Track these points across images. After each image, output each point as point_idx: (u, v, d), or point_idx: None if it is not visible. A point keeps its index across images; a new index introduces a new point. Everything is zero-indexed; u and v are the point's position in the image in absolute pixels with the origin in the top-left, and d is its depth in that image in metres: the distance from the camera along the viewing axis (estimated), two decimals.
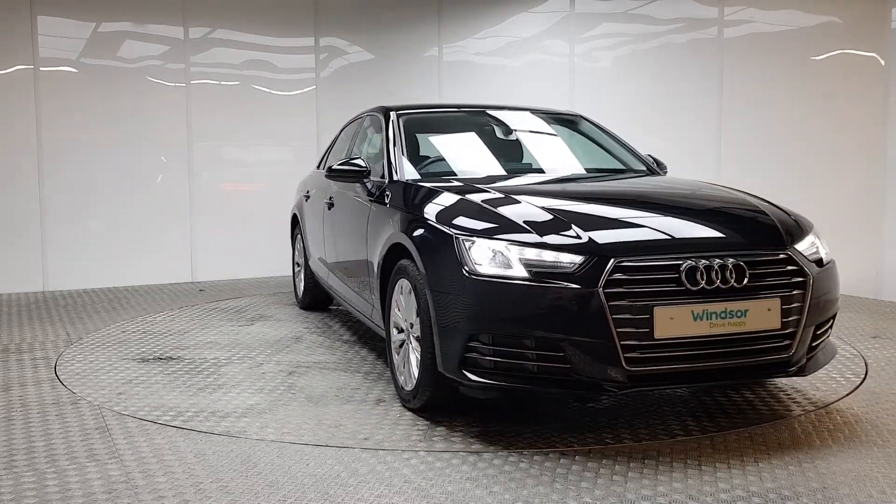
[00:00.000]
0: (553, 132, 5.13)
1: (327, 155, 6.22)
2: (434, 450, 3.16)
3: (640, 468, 2.94)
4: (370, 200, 4.35)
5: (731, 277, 3.11)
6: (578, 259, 3.09)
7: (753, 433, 3.33)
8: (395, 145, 4.55)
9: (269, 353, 4.91)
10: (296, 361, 4.67)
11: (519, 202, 3.56)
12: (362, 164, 4.53)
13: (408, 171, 4.35)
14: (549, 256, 3.13)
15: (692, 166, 7.49)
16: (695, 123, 7.45)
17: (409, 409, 3.67)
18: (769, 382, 4.07)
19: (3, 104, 7.30)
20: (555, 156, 4.88)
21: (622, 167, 4.76)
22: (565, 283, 3.04)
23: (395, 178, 4.29)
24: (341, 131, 6.11)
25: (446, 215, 3.54)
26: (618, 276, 3.04)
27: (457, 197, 3.71)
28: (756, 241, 3.37)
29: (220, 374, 4.42)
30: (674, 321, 3.03)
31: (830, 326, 3.58)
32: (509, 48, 8.29)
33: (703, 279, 3.07)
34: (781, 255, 3.27)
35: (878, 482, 2.80)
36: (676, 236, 3.32)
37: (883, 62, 6.74)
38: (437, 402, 3.54)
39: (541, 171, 4.68)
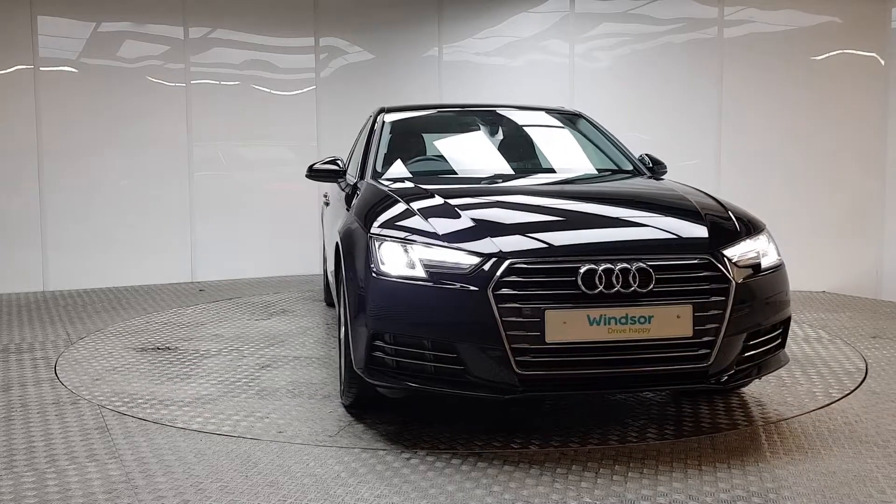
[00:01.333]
0: (543, 131, 5.08)
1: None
2: (436, 450, 3.16)
3: (640, 468, 2.94)
4: (343, 200, 4.38)
5: (634, 282, 2.98)
6: (475, 260, 3.05)
7: (754, 433, 3.33)
8: (372, 145, 4.60)
9: (262, 346, 5.01)
10: (280, 355, 4.76)
11: (449, 205, 3.47)
12: (339, 164, 4.56)
13: (376, 172, 4.36)
14: (449, 258, 3.10)
15: (692, 165, 7.50)
16: (694, 123, 7.45)
17: (344, 406, 3.71)
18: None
19: (3, 104, 7.30)
20: (536, 155, 4.83)
21: (603, 167, 4.66)
22: (459, 284, 3.03)
23: (365, 177, 4.31)
24: (360, 131, 6.15)
25: (372, 216, 3.49)
26: (511, 278, 2.98)
27: (394, 198, 3.65)
28: (672, 245, 3.24)
29: (199, 365, 4.57)
30: (567, 325, 2.95)
31: (778, 335, 3.42)
32: (509, 48, 8.29)
33: (601, 283, 2.97)
34: (698, 260, 3.11)
35: (878, 482, 2.80)
36: (584, 239, 3.24)
37: (883, 62, 6.74)
38: (365, 400, 3.55)
39: (516, 170, 4.62)
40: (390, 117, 4.91)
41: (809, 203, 7.09)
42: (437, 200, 3.57)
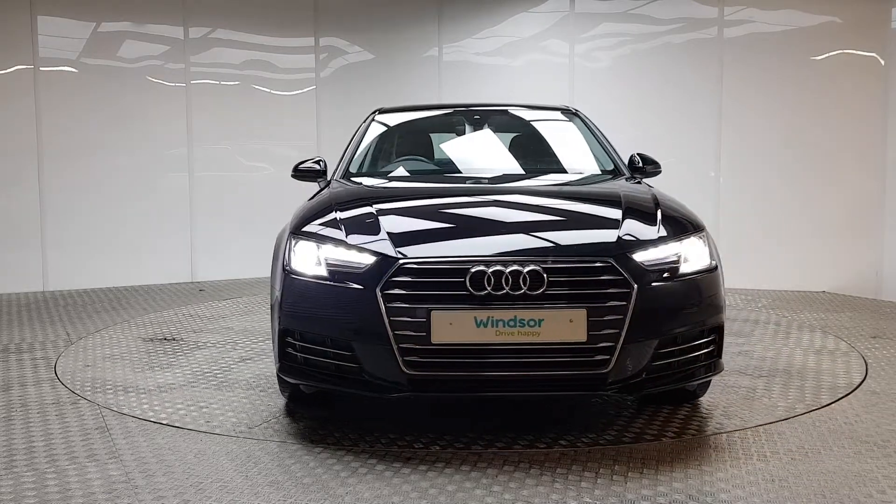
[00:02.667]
0: (529, 131, 5.01)
1: None
2: (430, 448, 3.16)
3: (640, 468, 2.94)
4: None
5: (525, 284, 2.94)
6: (370, 260, 3.09)
7: (756, 433, 3.33)
8: (351, 145, 4.73)
9: (260, 340, 5.19)
10: (267, 349, 4.88)
11: (370, 208, 3.48)
12: (320, 164, 4.61)
13: (348, 172, 4.48)
14: (349, 258, 3.16)
15: (692, 165, 7.50)
16: (694, 123, 7.45)
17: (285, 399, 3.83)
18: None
19: (3, 104, 7.30)
20: (512, 155, 4.75)
21: (580, 167, 4.54)
22: (353, 284, 3.08)
23: (335, 177, 4.42)
24: None
25: (300, 216, 3.57)
26: (401, 278, 3.01)
27: (327, 199, 3.71)
28: (573, 248, 3.19)
29: (188, 355, 4.80)
30: (453, 326, 2.94)
31: (709, 343, 3.25)
32: (509, 48, 8.30)
33: (490, 284, 2.95)
34: (600, 264, 3.02)
35: (879, 482, 2.80)
36: (479, 240, 3.23)
37: (883, 62, 6.74)
38: (301, 394, 3.66)
39: (482, 171, 4.57)
40: (380, 118, 5.01)
41: (809, 203, 7.09)
42: (364, 202, 3.62)
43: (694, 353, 3.22)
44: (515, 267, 2.96)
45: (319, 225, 3.41)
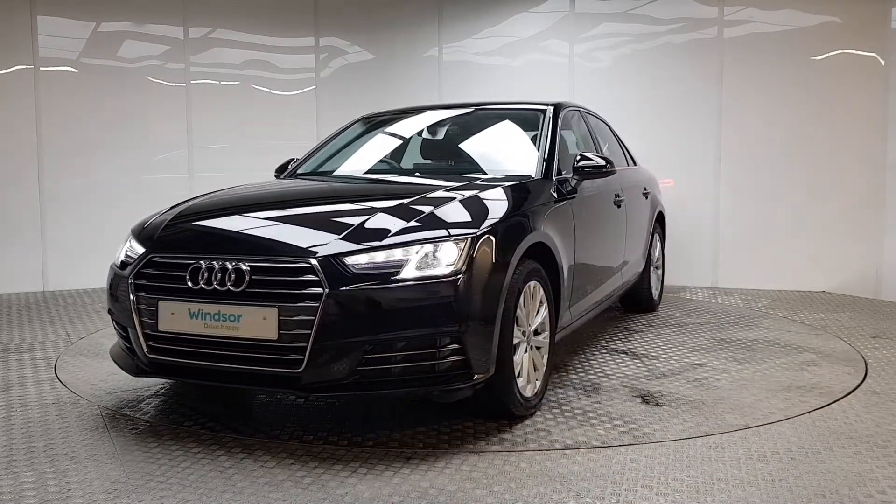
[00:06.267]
0: (490, 133, 4.86)
1: None
2: (421, 447, 3.16)
3: (641, 469, 2.94)
4: None
5: (229, 281, 3.15)
6: (140, 252, 3.49)
7: (757, 433, 3.33)
8: (314, 147, 5.06)
9: None
10: None
11: (182, 206, 3.97)
12: (290, 165, 4.96)
13: (289, 171, 4.88)
14: (134, 249, 3.57)
15: (691, 165, 7.50)
16: (694, 123, 7.46)
17: None
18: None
19: (3, 104, 7.30)
20: (446, 157, 4.78)
21: (500, 170, 4.30)
22: (122, 273, 3.51)
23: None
24: None
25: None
26: (147, 270, 3.38)
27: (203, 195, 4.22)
28: (282, 248, 3.21)
29: None
30: (174, 316, 3.22)
31: (442, 354, 3.08)
32: (509, 48, 8.30)
33: (202, 279, 3.19)
34: (300, 265, 3.07)
35: (879, 482, 2.80)
36: (209, 238, 3.53)
37: (883, 62, 6.74)
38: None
39: (404, 172, 4.73)
40: (356, 123, 5.24)
41: (809, 203, 7.09)
42: (189, 202, 4.05)
43: (424, 361, 3.08)
44: (226, 264, 3.19)
45: (147, 222, 3.83)
